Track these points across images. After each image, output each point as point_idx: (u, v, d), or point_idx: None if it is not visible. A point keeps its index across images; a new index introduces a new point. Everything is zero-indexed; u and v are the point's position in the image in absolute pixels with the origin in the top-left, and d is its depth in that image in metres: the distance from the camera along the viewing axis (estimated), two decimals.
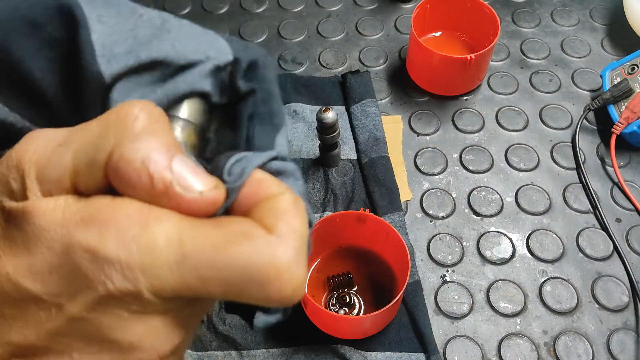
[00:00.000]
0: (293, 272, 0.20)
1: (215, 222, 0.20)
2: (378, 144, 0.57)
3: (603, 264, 0.51)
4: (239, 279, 0.19)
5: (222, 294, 0.20)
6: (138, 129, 0.19)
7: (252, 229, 0.20)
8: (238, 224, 0.20)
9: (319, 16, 0.70)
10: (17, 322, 0.19)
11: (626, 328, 0.48)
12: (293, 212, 0.21)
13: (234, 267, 0.19)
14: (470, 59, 0.56)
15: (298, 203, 0.21)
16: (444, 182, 0.56)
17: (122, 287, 0.18)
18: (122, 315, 0.19)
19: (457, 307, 0.49)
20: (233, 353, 0.46)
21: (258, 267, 0.19)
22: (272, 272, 0.19)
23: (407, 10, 0.71)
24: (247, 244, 0.19)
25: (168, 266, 0.19)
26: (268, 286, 0.19)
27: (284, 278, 0.19)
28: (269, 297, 0.20)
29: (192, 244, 0.19)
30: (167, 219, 0.19)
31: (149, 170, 0.18)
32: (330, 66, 0.66)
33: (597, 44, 0.67)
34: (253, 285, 0.19)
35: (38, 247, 0.19)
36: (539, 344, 0.47)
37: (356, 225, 0.48)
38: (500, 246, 0.52)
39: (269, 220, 0.20)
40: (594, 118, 0.61)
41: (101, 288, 0.18)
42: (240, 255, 0.19)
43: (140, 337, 0.20)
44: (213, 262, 0.19)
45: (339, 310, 0.48)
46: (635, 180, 0.56)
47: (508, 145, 0.59)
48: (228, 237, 0.19)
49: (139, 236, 0.18)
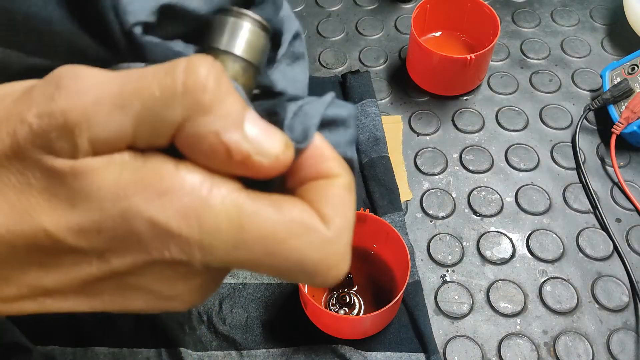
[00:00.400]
0: (340, 268, 0.21)
1: (275, 203, 0.19)
2: (378, 144, 0.57)
3: (603, 264, 0.51)
4: (291, 269, 0.20)
5: (268, 273, 0.20)
6: (208, 100, 0.17)
7: (311, 219, 0.20)
8: (297, 210, 0.20)
9: (319, 16, 0.70)
10: (50, 269, 0.19)
11: (626, 328, 0.48)
12: (348, 201, 0.21)
13: (289, 259, 0.19)
14: (470, 59, 0.56)
15: (351, 189, 0.21)
16: (444, 182, 0.56)
17: (177, 257, 0.18)
18: (166, 274, 0.19)
19: (457, 307, 0.49)
20: (233, 353, 0.46)
21: (311, 262, 0.20)
22: (323, 268, 0.20)
23: (407, 10, 0.71)
24: (305, 239, 0.19)
25: (225, 247, 0.19)
26: (316, 277, 0.20)
27: (332, 273, 0.20)
28: (313, 284, 0.21)
29: (252, 229, 0.19)
30: (231, 194, 0.19)
31: (226, 144, 0.18)
32: (330, 66, 0.66)
33: (597, 44, 0.67)
34: (302, 274, 0.20)
35: (88, 206, 0.18)
36: (539, 344, 0.47)
37: (356, 225, 0.48)
38: (500, 246, 0.52)
39: (325, 208, 0.20)
40: (594, 118, 0.61)
41: (156, 254, 0.18)
42: (296, 250, 0.19)
43: (179, 293, 0.20)
44: (270, 252, 0.19)
45: (339, 310, 0.48)
46: (635, 180, 0.56)
47: (508, 145, 0.59)
48: (287, 226, 0.19)
49: (201, 214, 0.18)
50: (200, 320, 0.48)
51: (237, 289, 0.50)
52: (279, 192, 0.20)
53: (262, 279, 0.50)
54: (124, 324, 0.48)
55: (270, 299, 0.49)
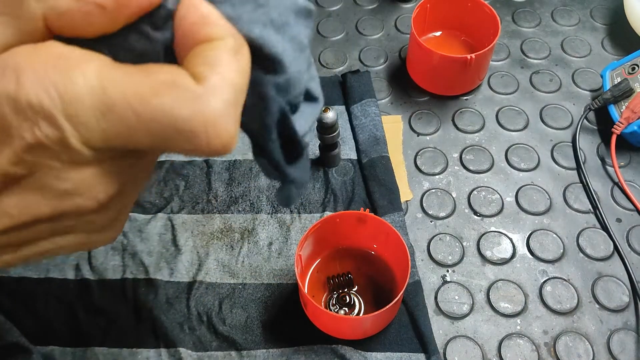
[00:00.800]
0: (221, 126, 0.20)
1: (143, 69, 0.19)
2: (378, 144, 0.57)
3: (603, 264, 0.51)
4: (165, 131, 0.19)
5: (149, 144, 0.20)
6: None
7: (180, 78, 0.19)
8: (166, 72, 0.19)
9: (319, 16, 0.70)
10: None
11: (626, 328, 0.48)
12: (228, 60, 0.20)
13: (159, 119, 0.19)
14: (470, 58, 0.56)
15: (240, 51, 0.21)
16: (444, 182, 0.56)
17: (48, 133, 0.18)
18: (54, 165, 0.19)
19: (457, 307, 0.49)
20: (233, 353, 0.46)
21: (182, 120, 0.19)
22: (198, 125, 0.19)
23: (407, 10, 0.71)
24: (171, 95, 0.19)
25: (93, 115, 0.19)
26: (195, 139, 0.19)
27: (211, 132, 0.19)
28: (198, 149, 0.20)
29: (115, 92, 0.19)
30: (89, 63, 0.19)
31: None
32: (330, 66, 0.66)
33: (597, 43, 0.67)
34: (180, 137, 0.19)
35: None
36: (539, 344, 0.47)
37: (356, 225, 0.48)
38: (501, 246, 0.52)
39: (199, 68, 0.20)
40: (595, 118, 0.61)
41: (28, 135, 0.18)
42: (163, 106, 0.19)
43: (74, 185, 0.20)
44: (138, 113, 0.19)
45: (339, 310, 0.48)
46: (635, 180, 0.56)
47: (508, 145, 0.59)
48: (153, 86, 0.19)
49: (59, 82, 0.18)
50: (200, 321, 0.48)
51: (237, 289, 0.50)
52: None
53: (262, 279, 0.50)
54: (124, 324, 0.48)
55: (270, 299, 0.49)
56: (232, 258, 0.51)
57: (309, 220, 0.53)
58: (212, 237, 0.52)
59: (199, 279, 0.50)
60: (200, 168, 0.56)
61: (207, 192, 0.55)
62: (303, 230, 0.53)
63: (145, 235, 0.52)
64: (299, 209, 0.54)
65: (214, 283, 0.50)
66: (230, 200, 0.55)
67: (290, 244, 0.52)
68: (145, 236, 0.52)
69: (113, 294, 0.49)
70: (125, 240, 0.52)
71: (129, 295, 0.49)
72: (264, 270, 0.51)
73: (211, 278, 0.50)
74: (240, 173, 0.56)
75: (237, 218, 0.53)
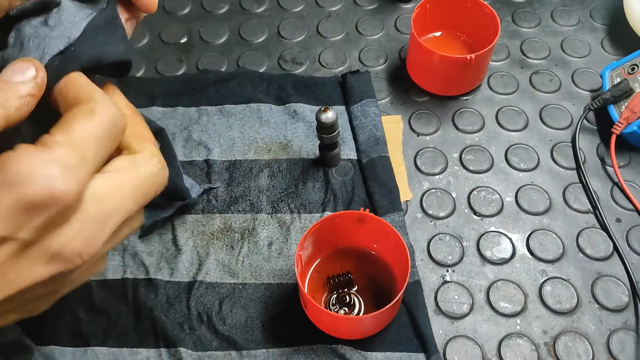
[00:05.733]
0: (43, 179, 0.24)
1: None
2: (378, 144, 0.57)
3: (603, 264, 0.51)
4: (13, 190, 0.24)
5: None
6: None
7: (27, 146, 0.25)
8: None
9: (319, 16, 0.70)
10: None
11: (626, 328, 0.48)
12: (82, 117, 0.26)
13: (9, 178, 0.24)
14: (470, 59, 0.56)
15: (102, 110, 0.27)
16: (444, 182, 0.56)
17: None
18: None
19: (457, 307, 0.49)
20: (233, 353, 0.46)
21: (13, 173, 0.24)
22: (23, 178, 0.24)
23: (407, 10, 0.71)
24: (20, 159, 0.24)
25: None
26: (22, 189, 0.24)
27: (35, 184, 0.24)
28: (31, 202, 0.25)
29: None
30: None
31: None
32: (330, 66, 0.66)
33: (597, 44, 0.67)
34: (9, 188, 0.24)
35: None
36: (539, 344, 0.47)
37: (356, 225, 0.48)
38: (500, 246, 0.52)
39: (53, 129, 0.26)
40: (594, 118, 0.61)
41: None
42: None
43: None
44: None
45: (339, 310, 0.48)
46: (635, 180, 0.56)
47: (508, 145, 0.59)
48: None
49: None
50: (200, 320, 0.48)
51: (237, 289, 0.50)
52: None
53: (262, 279, 0.50)
54: (124, 324, 0.48)
55: (270, 299, 0.49)
56: (232, 258, 0.51)
57: (309, 220, 0.53)
58: (212, 237, 0.52)
59: (199, 279, 0.50)
60: (201, 168, 0.56)
61: (207, 192, 0.55)
62: (303, 230, 0.53)
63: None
64: (299, 209, 0.54)
65: (214, 283, 0.50)
66: (230, 200, 0.55)
67: (290, 244, 0.52)
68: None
69: (113, 294, 0.49)
70: (125, 240, 0.52)
71: (129, 295, 0.49)
72: (264, 270, 0.51)
73: (211, 278, 0.50)
74: (240, 173, 0.56)
75: (237, 218, 0.54)
